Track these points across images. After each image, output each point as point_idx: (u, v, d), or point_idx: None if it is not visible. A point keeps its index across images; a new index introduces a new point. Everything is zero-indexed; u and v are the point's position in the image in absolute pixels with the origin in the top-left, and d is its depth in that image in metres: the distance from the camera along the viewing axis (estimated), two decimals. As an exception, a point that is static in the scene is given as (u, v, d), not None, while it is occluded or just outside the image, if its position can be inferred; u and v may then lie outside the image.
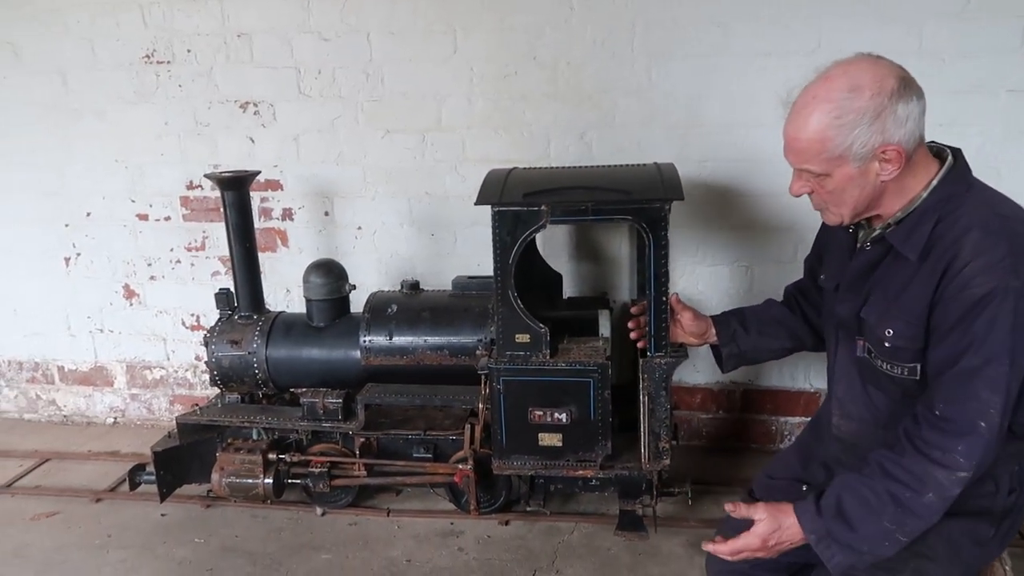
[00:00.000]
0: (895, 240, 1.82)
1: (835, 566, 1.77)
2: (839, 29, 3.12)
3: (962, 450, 1.65)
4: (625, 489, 2.86)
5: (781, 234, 3.37)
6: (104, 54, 3.64)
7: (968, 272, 1.66)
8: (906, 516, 1.70)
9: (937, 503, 1.69)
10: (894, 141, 1.69)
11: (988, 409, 1.64)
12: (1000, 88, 3.11)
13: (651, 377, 2.60)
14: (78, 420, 4.21)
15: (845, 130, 1.69)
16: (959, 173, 1.81)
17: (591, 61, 3.31)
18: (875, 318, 1.85)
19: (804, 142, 1.75)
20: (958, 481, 1.67)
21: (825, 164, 1.75)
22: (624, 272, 3.55)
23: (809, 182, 1.84)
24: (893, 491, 1.71)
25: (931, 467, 1.68)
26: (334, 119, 3.55)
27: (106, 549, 2.99)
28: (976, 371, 1.65)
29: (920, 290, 1.75)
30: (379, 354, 3.03)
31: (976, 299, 1.64)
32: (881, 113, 1.67)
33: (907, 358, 1.80)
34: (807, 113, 1.73)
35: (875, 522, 1.72)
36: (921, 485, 1.69)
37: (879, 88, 1.67)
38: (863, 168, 1.74)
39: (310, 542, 2.98)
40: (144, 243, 3.89)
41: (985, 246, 1.66)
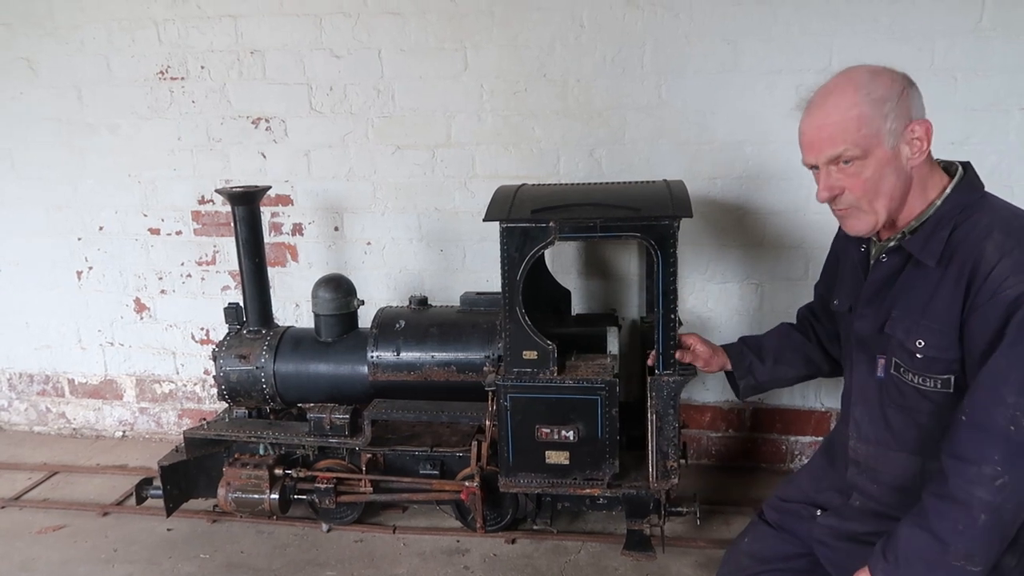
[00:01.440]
0: (913, 248, 1.80)
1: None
2: (850, 47, 3.11)
3: (998, 459, 1.62)
4: (633, 508, 2.83)
5: (792, 252, 3.34)
6: (119, 70, 3.68)
7: (996, 275, 1.65)
8: (970, 547, 1.67)
9: (991, 519, 1.65)
10: (920, 117, 1.76)
11: (1015, 412, 1.61)
12: (1014, 106, 3.09)
13: (659, 395, 2.58)
14: (87, 433, 4.23)
15: (878, 104, 1.72)
16: (971, 182, 1.82)
17: (601, 78, 3.31)
18: (903, 332, 1.83)
19: (835, 124, 1.75)
20: (999, 489, 1.63)
21: (864, 142, 1.74)
22: (633, 289, 3.53)
23: (841, 178, 1.80)
24: (942, 531, 1.68)
25: (971, 488, 1.65)
26: (345, 135, 3.57)
27: (112, 564, 2.98)
28: (1003, 375, 1.63)
29: (948, 298, 1.73)
30: (386, 370, 3.02)
31: (1009, 301, 1.63)
32: (903, 93, 1.74)
33: (940, 369, 1.77)
34: (834, 98, 1.76)
35: (947, 560, 1.69)
36: (968, 512, 1.66)
37: (893, 75, 1.77)
38: (895, 151, 1.76)
39: (315, 559, 2.96)
40: (155, 257, 3.91)
41: (1009, 246, 1.66)
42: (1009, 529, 1.68)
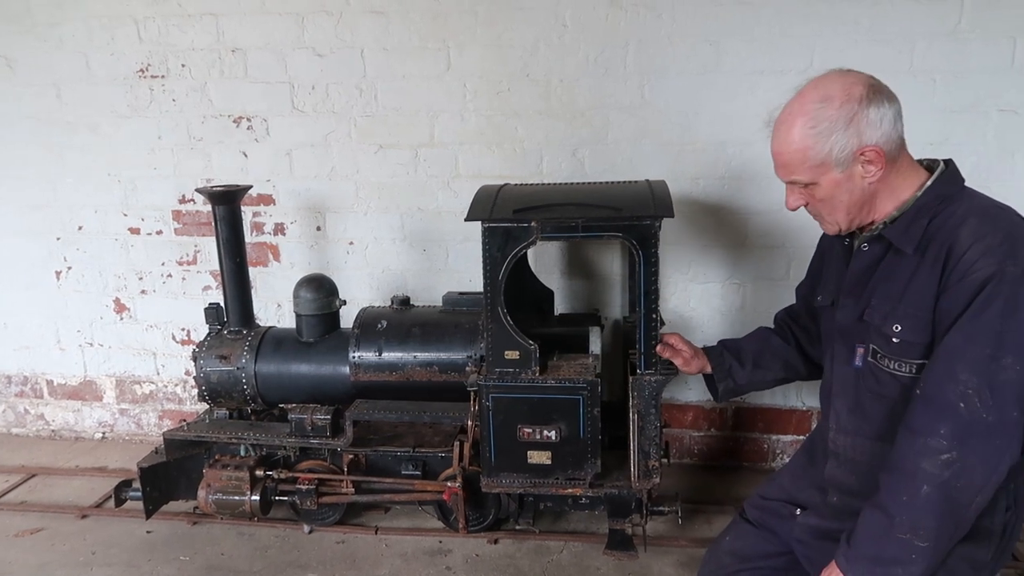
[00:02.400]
0: (892, 235, 1.84)
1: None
2: (831, 48, 3.13)
3: (945, 433, 1.64)
4: (615, 508, 2.83)
5: (773, 252, 3.36)
6: (99, 68, 3.65)
7: (968, 257, 1.68)
8: (913, 518, 1.68)
9: (936, 494, 1.66)
10: (871, 143, 1.76)
11: (966, 390, 1.63)
12: (992, 108, 3.12)
13: (640, 394, 2.58)
14: (66, 435, 4.18)
15: (822, 138, 1.76)
16: (951, 176, 1.86)
17: (584, 78, 3.32)
18: (880, 318, 1.86)
19: (788, 155, 1.83)
20: (945, 464, 1.64)
21: (811, 172, 1.82)
22: (616, 289, 3.54)
23: (801, 194, 1.90)
24: (900, 495, 1.70)
25: (916, 459, 1.67)
26: (327, 134, 3.56)
27: (90, 567, 2.95)
28: (958, 350, 1.66)
29: (924, 283, 1.77)
30: (368, 370, 3.01)
31: (976, 284, 1.65)
32: (853, 118, 1.75)
33: (915, 354, 1.80)
34: (787, 128, 1.82)
35: (896, 534, 1.70)
36: (911, 482, 1.68)
37: (847, 95, 1.76)
38: (847, 172, 1.80)
39: (297, 560, 2.95)
40: (136, 257, 3.88)
41: (983, 231, 1.69)
42: (961, 510, 1.69)
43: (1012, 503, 1.86)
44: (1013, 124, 3.11)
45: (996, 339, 1.63)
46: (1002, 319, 1.62)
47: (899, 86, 3.12)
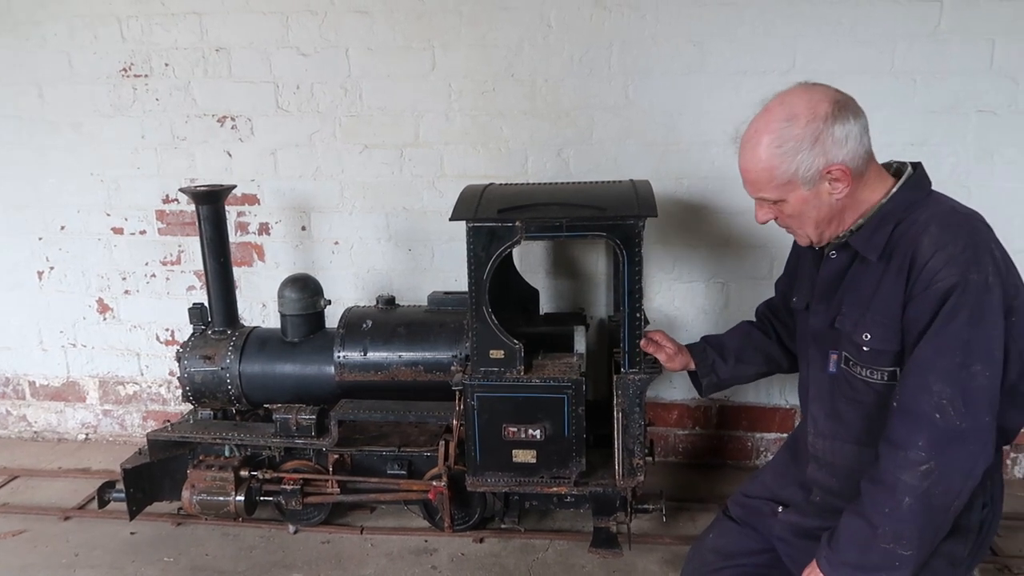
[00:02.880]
0: (857, 244, 1.87)
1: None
2: (813, 49, 3.16)
3: (923, 444, 1.67)
4: (599, 506, 2.85)
5: (757, 251, 3.39)
6: (81, 67, 3.62)
7: (932, 266, 1.70)
8: (897, 529, 1.71)
9: (917, 504, 1.69)
10: (837, 161, 1.77)
11: (940, 400, 1.65)
12: (971, 109, 3.16)
13: (625, 393, 2.60)
14: (49, 436, 4.15)
15: (788, 157, 1.77)
16: (918, 182, 1.87)
17: (569, 78, 3.33)
18: (850, 325, 1.87)
19: (755, 173, 1.85)
20: (924, 474, 1.67)
21: (777, 191, 1.84)
22: (601, 288, 3.55)
23: (770, 209, 1.92)
24: (882, 506, 1.72)
25: (897, 472, 1.69)
26: (312, 134, 3.55)
27: (73, 568, 2.93)
28: (929, 362, 1.68)
29: (890, 291, 1.79)
30: (353, 370, 3.01)
31: (940, 293, 1.68)
32: (819, 137, 1.75)
33: (885, 361, 1.82)
34: (753, 146, 1.83)
35: (878, 543, 1.73)
36: (892, 494, 1.70)
37: (813, 114, 1.76)
38: (815, 190, 1.82)
39: (282, 560, 2.94)
40: (119, 257, 3.86)
41: (944, 240, 1.71)
42: (941, 515, 1.72)
43: (988, 500, 1.89)
44: (992, 125, 3.15)
45: (964, 348, 1.65)
46: (969, 327, 1.65)
47: (880, 86, 3.18)
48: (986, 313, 1.65)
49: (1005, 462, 3.45)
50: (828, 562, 1.82)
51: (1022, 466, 3.47)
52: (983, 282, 1.65)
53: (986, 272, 1.66)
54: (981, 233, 1.74)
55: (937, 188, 1.95)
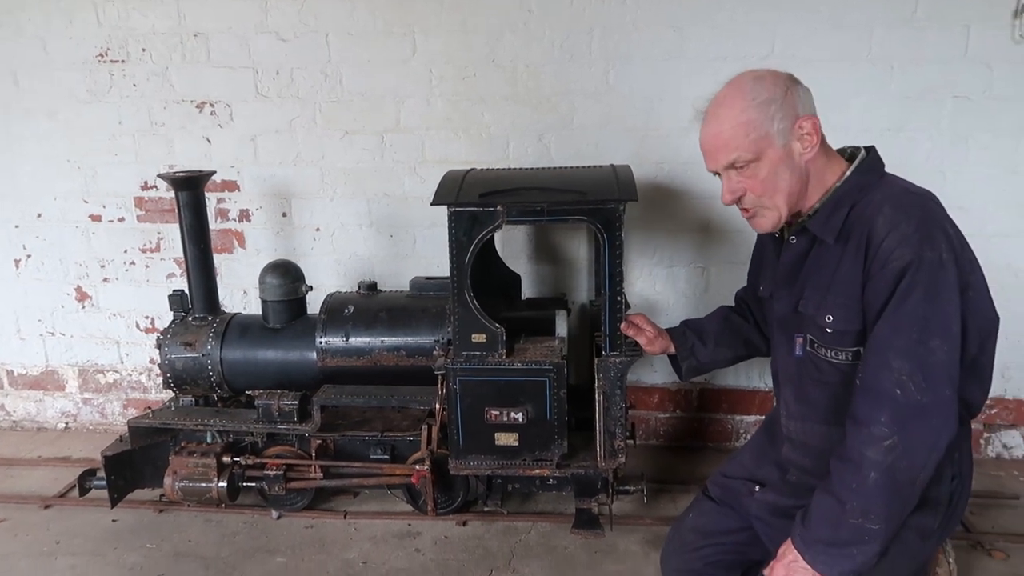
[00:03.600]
0: (814, 227, 1.90)
1: (842, 573, 1.80)
2: (792, 35, 3.18)
3: (885, 420, 1.70)
4: (581, 488, 2.87)
5: (736, 236, 3.42)
6: (57, 53, 3.58)
7: (886, 246, 1.73)
8: (864, 504, 1.74)
9: (882, 478, 1.72)
10: (807, 113, 1.82)
11: (900, 377, 1.69)
12: (947, 95, 3.20)
13: (606, 376, 2.62)
14: (28, 425, 4.12)
15: (763, 108, 1.80)
16: (871, 165, 1.91)
17: (550, 64, 3.33)
18: (813, 308, 1.91)
19: (728, 131, 1.84)
20: (888, 449, 1.70)
21: (754, 146, 1.83)
22: (583, 273, 3.57)
23: (740, 180, 1.90)
24: (849, 483, 1.75)
25: (862, 448, 1.73)
26: (292, 120, 3.53)
27: (55, 556, 2.92)
28: (888, 340, 1.71)
29: (849, 272, 1.82)
30: (335, 355, 3.01)
31: (895, 273, 1.71)
32: (787, 92, 1.81)
33: (849, 342, 1.85)
34: (727, 106, 1.85)
35: (848, 519, 1.76)
36: (859, 470, 1.74)
37: (776, 77, 1.84)
38: (787, 148, 1.83)
39: (265, 545, 2.95)
40: (97, 244, 3.82)
41: (897, 219, 1.74)
42: (907, 489, 1.75)
43: (957, 472, 1.93)
44: (967, 110, 3.19)
45: (921, 324, 1.68)
46: (925, 304, 1.68)
47: (858, 73, 3.22)
48: (941, 290, 1.69)
49: (978, 441, 3.52)
50: (802, 539, 1.85)
51: (995, 445, 3.54)
52: (937, 259, 1.68)
53: (939, 249, 1.69)
54: (933, 212, 1.77)
55: (913, 173, 1.98)
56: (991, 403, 3.47)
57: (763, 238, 2.22)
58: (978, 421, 3.49)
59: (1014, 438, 3.52)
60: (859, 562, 1.78)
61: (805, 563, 1.83)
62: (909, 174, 1.96)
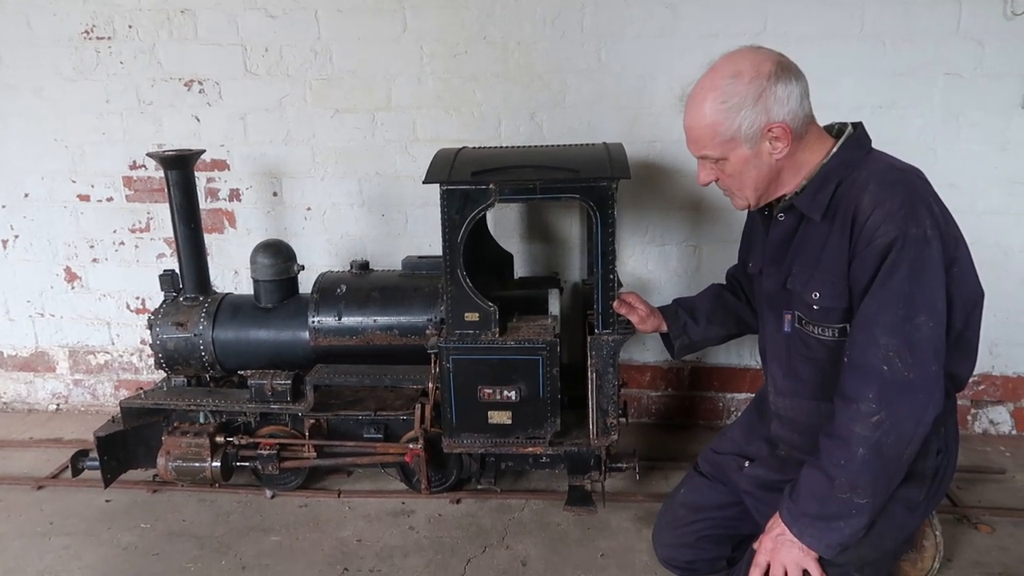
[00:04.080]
0: (801, 204, 1.91)
1: (827, 547, 1.84)
2: (784, 12, 3.17)
3: (873, 396, 1.73)
4: (574, 465, 2.89)
5: (728, 214, 3.42)
6: (41, 29, 3.52)
7: (871, 223, 1.75)
8: (852, 479, 1.78)
9: (870, 454, 1.75)
10: (778, 119, 1.81)
11: (887, 352, 1.71)
12: (938, 72, 3.20)
13: (599, 354, 2.63)
14: (19, 407, 4.10)
15: (732, 113, 1.81)
16: (858, 140, 1.92)
17: (541, 41, 3.31)
18: (800, 285, 1.92)
19: (699, 130, 1.88)
20: (875, 425, 1.73)
21: (720, 148, 1.87)
22: (575, 252, 3.57)
23: (712, 170, 1.95)
24: (838, 459, 1.78)
25: (850, 424, 1.76)
26: (282, 98, 3.50)
27: (48, 536, 2.92)
28: (874, 317, 1.74)
29: (835, 249, 1.84)
30: (328, 335, 3.01)
31: (881, 249, 1.73)
32: (762, 94, 1.79)
33: (836, 318, 1.88)
34: (698, 103, 1.87)
35: (836, 494, 1.80)
36: (847, 446, 1.77)
37: (756, 72, 1.80)
38: (756, 149, 1.85)
39: (259, 524, 2.96)
40: (86, 224, 3.79)
41: (883, 196, 1.76)
42: (894, 464, 1.79)
43: (943, 446, 1.96)
44: (958, 87, 3.19)
45: (907, 300, 1.70)
46: (910, 281, 1.70)
47: (850, 50, 3.21)
48: (927, 266, 1.70)
49: (965, 417, 3.56)
50: (789, 513, 1.88)
51: (982, 421, 3.58)
52: (922, 236, 1.70)
53: (924, 226, 1.71)
54: (918, 188, 1.78)
55: (904, 150, 2.00)
56: (978, 379, 3.50)
57: (753, 214, 2.23)
58: (965, 397, 3.53)
59: (1001, 414, 3.57)
60: (846, 535, 1.82)
61: (792, 536, 1.86)
62: (900, 151, 1.97)
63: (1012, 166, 3.25)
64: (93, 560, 2.77)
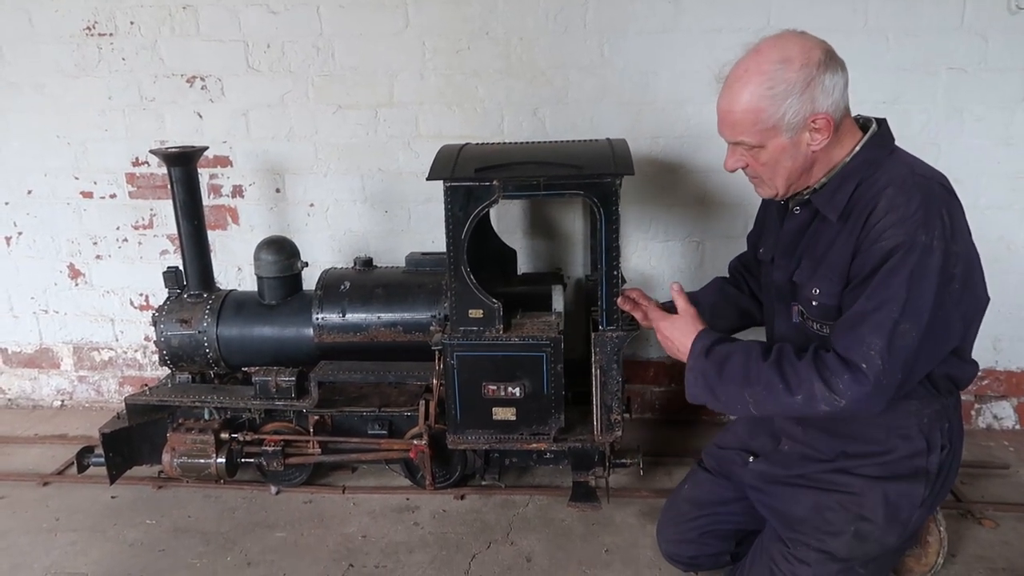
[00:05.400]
0: (818, 202, 1.89)
1: (690, 394, 1.98)
2: (787, 6, 3.16)
3: (847, 379, 1.73)
4: (578, 461, 2.90)
5: (731, 209, 3.42)
6: (42, 25, 3.52)
7: (881, 226, 1.73)
8: (767, 400, 1.82)
9: (799, 406, 1.78)
10: (823, 110, 1.76)
11: (869, 351, 1.71)
12: (941, 66, 3.19)
13: (603, 350, 2.63)
14: (23, 404, 4.11)
15: (778, 100, 1.75)
16: (881, 139, 1.89)
17: (544, 36, 3.30)
18: (804, 279, 1.92)
19: (738, 114, 1.81)
20: (830, 401, 1.74)
21: (759, 135, 1.81)
22: (578, 248, 3.57)
23: (743, 156, 1.90)
24: (771, 379, 1.81)
25: (815, 378, 1.76)
26: (284, 94, 3.49)
27: (54, 532, 2.93)
28: (866, 315, 1.73)
29: (842, 249, 1.83)
30: (332, 331, 3.01)
31: (885, 251, 1.72)
32: (810, 83, 1.74)
33: (833, 316, 1.87)
34: (740, 86, 1.80)
35: (740, 389, 1.85)
36: (797, 387, 1.78)
37: (807, 59, 1.74)
38: (795, 139, 1.81)
39: (264, 520, 2.97)
40: (89, 221, 3.79)
41: (899, 201, 1.74)
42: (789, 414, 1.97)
43: (947, 443, 1.96)
44: (962, 82, 3.19)
45: (900, 305, 1.69)
46: (908, 287, 1.69)
47: (853, 44, 3.21)
48: (926, 274, 1.69)
49: (969, 412, 3.56)
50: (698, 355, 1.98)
51: (985, 416, 3.58)
52: (928, 244, 1.69)
53: (932, 236, 1.69)
54: (935, 197, 1.76)
55: (907, 145, 1.98)
56: (982, 374, 3.50)
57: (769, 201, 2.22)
58: (969, 392, 3.53)
59: (1004, 409, 3.57)
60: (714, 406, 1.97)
61: (681, 352, 2.03)
62: (903, 147, 1.97)
63: (1016, 161, 3.25)
64: (99, 556, 2.79)
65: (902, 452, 1.92)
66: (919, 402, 1.90)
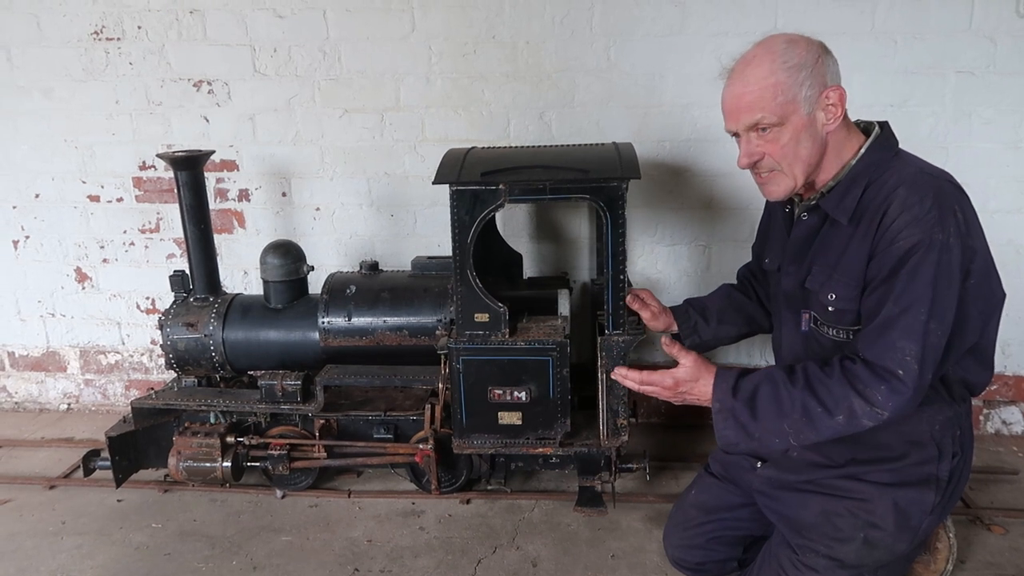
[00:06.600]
0: (828, 206, 1.89)
1: (723, 439, 1.90)
2: (794, 10, 3.15)
3: (884, 390, 1.72)
4: (584, 466, 2.89)
5: (738, 213, 3.41)
6: (50, 29, 3.53)
7: (896, 226, 1.73)
8: (807, 428, 1.79)
9: (842, 427, 1.76)
10: (834, 83, 1.82)
11: (904, 357, 1.70)
12: (949, 69, 3.18)
13: (609, 355, 2.62)
14: (30, 407, 4.12)
15: (794, 72, 1.78)
16: (886, 141, 1.90)
17: (550, 40, 3.30)
18: (818, 285, 1.91)
19: (755, 92, 1.81)
20: (872, 416, 1.73)
21: (779, 109, 1.81)
22: (584, 252, 3.57)
23: (759, 145, 1.88)
24: (807, 404, 1.78)
25: (852, 394, 1.75)
26: (290, 98, 3.50)
27: (60, 536, 2.94)
28: (894, 320, 1.72)
29: (857, 252, 1.82)
30: (338, 335, 3.01)
31: (903, 252, 1.71)
32: (818, 60, 1.80)
33: (849, 320, 1.86)
34: (753, 67, 1.82)
35: (777, 422, 1.81)
36: (836, 407, 1.76)
37: (809, 43, 1.82)
38: (811, 117, 1.82)
39: (270, 524, 2.97)
40: (96, 225, 3.80)
41: (912, 201, 1.74)
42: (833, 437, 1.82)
43: (959, 451, 1.95)
44: (970, 85, 3.17)
45: (928, 305, 1.69)
46: (933, 286, 1.69)
47: (861, 47, 3.20)
48: (946, 272, 1.70)
49: (978, 417, 3.54)
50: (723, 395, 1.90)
51: (994, 421, 3.56)
52: (946, 242, 1.69)
53: (948, 233, 1.70)
54: (947, 195, 1.76)
55: (915, 148, 1.98)
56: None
57: (773, 209, 2.21)
58: (978, 398, 3.51)
59: (1013, 414, 3.55)
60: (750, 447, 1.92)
61: (706, 400, 1.93)
62: (911, 150, 1.96)
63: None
64: (105, 560, 2.78)
65: (913, 459, 1.90)
66: (932, 409, 1.89)
